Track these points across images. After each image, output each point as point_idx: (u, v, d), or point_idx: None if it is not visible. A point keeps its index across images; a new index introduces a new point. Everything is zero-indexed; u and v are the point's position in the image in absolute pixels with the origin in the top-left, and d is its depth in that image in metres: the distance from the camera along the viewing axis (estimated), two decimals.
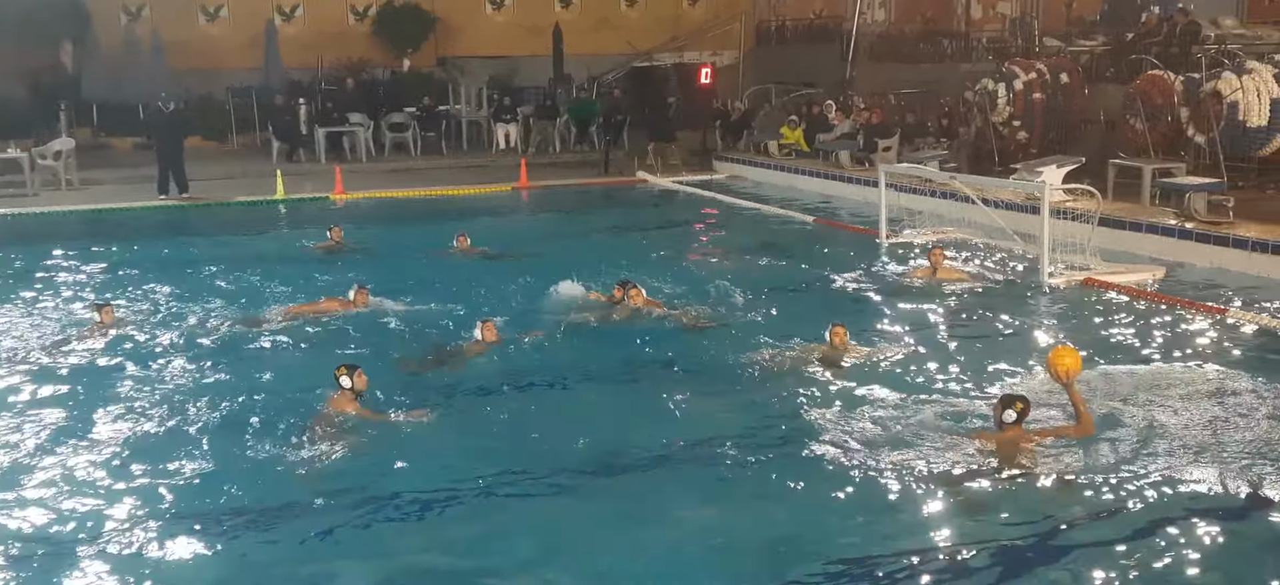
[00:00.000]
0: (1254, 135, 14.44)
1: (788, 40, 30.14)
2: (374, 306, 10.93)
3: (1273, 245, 12.13)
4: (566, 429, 7.84)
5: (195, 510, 6.62)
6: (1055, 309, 11.18)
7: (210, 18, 27.23)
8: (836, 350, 9.28)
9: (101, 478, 7.08)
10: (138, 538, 6.27)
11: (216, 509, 6.65)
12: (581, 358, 9.68)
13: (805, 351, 9.41)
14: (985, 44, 23.96)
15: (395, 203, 19.14)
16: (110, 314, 10.59)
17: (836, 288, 12.20)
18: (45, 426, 7.96)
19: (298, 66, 26.04)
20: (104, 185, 20.12)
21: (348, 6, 28.05)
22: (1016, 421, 7.25)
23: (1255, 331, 10.00)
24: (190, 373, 9.20)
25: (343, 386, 7.92)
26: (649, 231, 16.85)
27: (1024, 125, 17.80)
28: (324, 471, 7.21)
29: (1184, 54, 17.52)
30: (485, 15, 29.16)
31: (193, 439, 7.71)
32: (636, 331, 10.31)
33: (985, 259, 13.26)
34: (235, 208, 18.59)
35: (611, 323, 10.62)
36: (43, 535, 6.37)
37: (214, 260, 13.81)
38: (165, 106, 19.60)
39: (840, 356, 9.20)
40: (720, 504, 6.77)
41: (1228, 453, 7.19)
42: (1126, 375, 8.79)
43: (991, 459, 7.07)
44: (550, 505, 6.78)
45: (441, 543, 6.33)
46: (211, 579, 5.96)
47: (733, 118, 23.96)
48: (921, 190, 15.12)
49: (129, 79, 24.44)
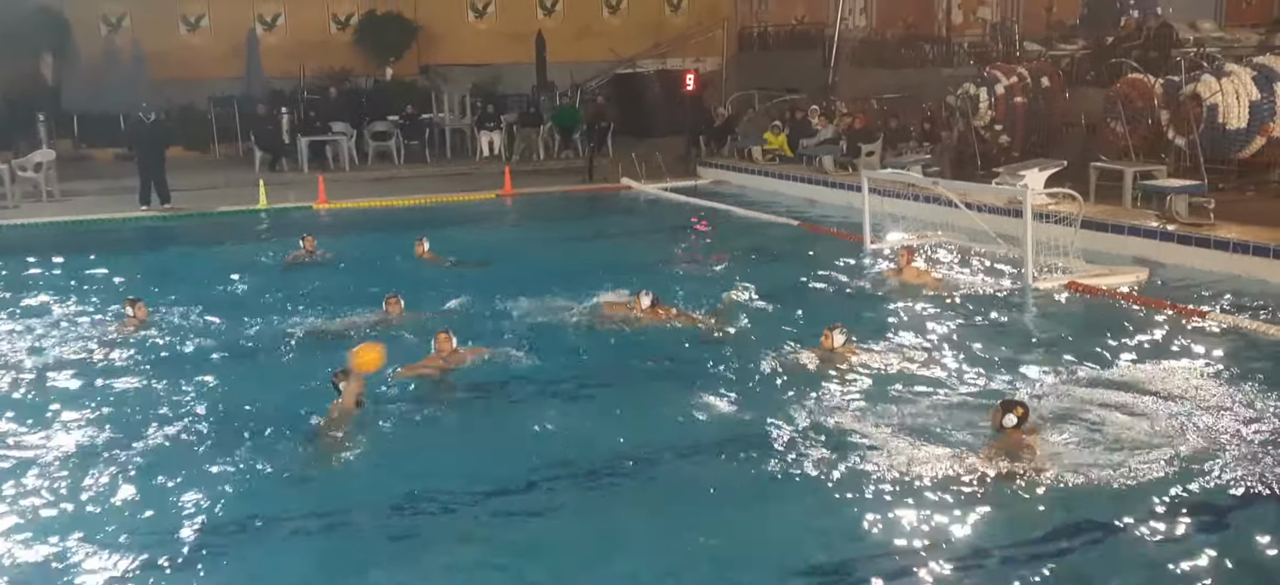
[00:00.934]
0: (1233, 137, 14.54)
1: (770, 46, 30.24)
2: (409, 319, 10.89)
3: (1253, 246, 12.22)
4: (547, 438, 7.84)
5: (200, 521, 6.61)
6: (1040, 312, 11.23)
7: (191, 27, 27.17)
8: (830, 353, 9.30)
9: (96, 486, 7.06)
10: (151, 554, 6.25)
11: (212, 522, 6.63)
12: (567, 367, 9.67)
13: (797, 355, 9.43)
14: (966, 49, 24.11)
15: (379, 212, 19.08)
16: (144, 310, 10.80)
17: (821, 292, 12.23)
18: (38, 440, 7.93)
19: (280, 75, 25.99)
20: (85, 196, 20.01)
21: (330, 15, 28.03)
22: (1017, 426, 7.28)
23: (1237, 333, 10.06)
24: (181, 382, 9.18)
25: (340, 390, 7.95)
26: (633, 238, 16.85)
27: (1006, 129, 17.90)
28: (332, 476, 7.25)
29: (1163, 57, 17.66)
30: (468, 23, 29.18)
31: (185, 449, 7.69)
32: (627, 339, 10.32)
33: (970, 263, 13.31)
34: (217, 218, 18.51)
35: (609, 329, 10.64)
36: (47, 546, 6.34)
37: (195, 270, 13.76)
38: (146, 117, 19.50)
39: (834, 359, 9.22)
40: (717, 510, 6.75)
41: (1214, 453, 7.25)
42: (1111, 377, 8.86)
43: (993, 464, 7.08)
44: (530, 519, 6.75)
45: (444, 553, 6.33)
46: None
47: (716, 124, 24.01)
48: (905, 195, 15.18)
49: (110, 89, 24.36)
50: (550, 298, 11.60)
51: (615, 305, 11.04)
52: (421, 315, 10.93)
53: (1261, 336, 9.94)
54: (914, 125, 20.50)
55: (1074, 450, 7.32)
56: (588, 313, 11.03)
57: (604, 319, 10.82)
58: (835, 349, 9.32)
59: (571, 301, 11.41)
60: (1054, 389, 8.61)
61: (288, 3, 27.83)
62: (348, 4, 28.11)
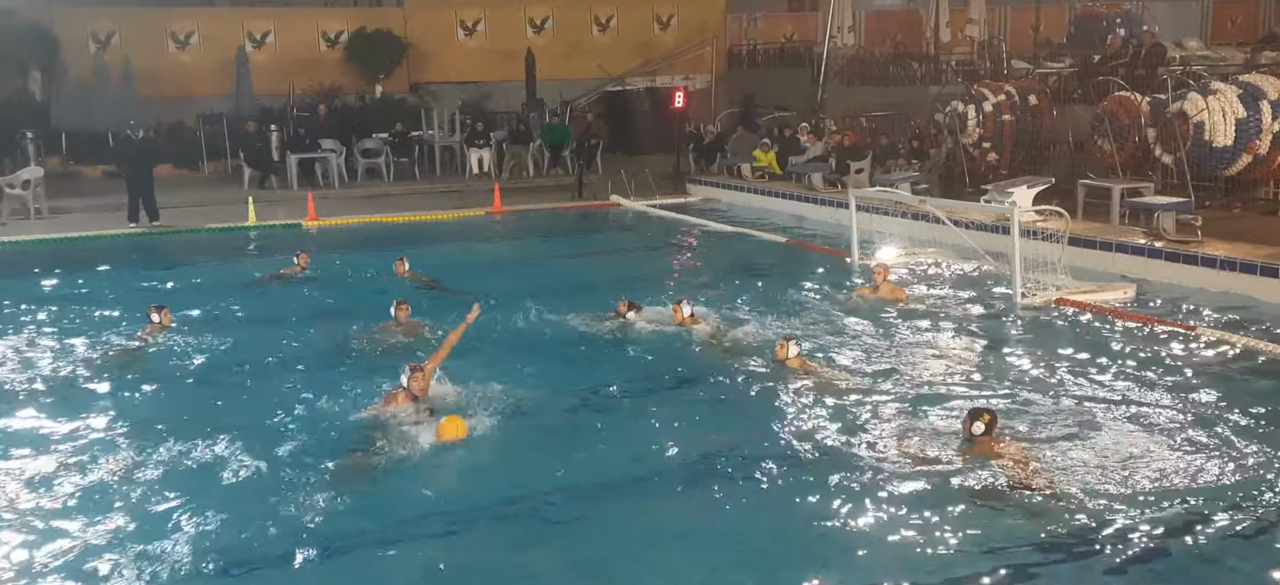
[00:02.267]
0: (1220, 155, 14.62)
1: (759, 64, 30.36)
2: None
3: (1240, 263, 12.27)
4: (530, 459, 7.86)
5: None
6: (1029, 329, 11.26)
7: (181, 45, 27.14)
8: (782, 365, 9.48)
9: (88, 506, 7.01)
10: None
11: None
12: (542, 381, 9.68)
13: (760, 365, 9.55)
14: (955, 67, 24.20)
15: (368, 228, 19.05)
16: (169, 316, 11.05)
17: (807, 308, 12.23)
18: (20, 462, 7.88)
19: (269, 93, 25.98)
20: (74, 214, 19.94)
21: (319, 32, 28.04)
22: (986, 433, 7.32)
23: (1224, 349, 10.10)
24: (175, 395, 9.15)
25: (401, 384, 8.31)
26: (623, 255, 16.84)
27: (994, 146, 17.97)
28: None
29: (1150, 75, 17.76)
30: (457, 41, 29.22)
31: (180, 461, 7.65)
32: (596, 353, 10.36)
33: (957, 280, 13.34)
34: (206, 235, 18.47)
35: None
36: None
37: (184, 287, 13.73)
38: (135, 134, 19.48)
39: (787, 372, 9.37)
40: (674, 523, 6.78)
41: (1198, 466, 7.28)
42: (1096, 391, 8.90)
43: (963, 473, 7.11)
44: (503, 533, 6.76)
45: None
46: None
47: (706, 141, 24.07)
48: (894, 212, 15.22)
49: (99, 107, 24.32)
50: (537, 313, 11.62)
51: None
52: (425, 325, 11.05)
53: (1249, 352, 9.97)
54: (902, 143, 20.57)
55: (1055, 461, 7.35)
56: (583, 324, 11.13)
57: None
58: (787, 360, 9.47)
59: (557, 317, 11.43)
60: (1037, 403, 8.64)
61: (277, 20, 27.84)
62: (337, 21, 28.14)
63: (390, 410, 8.31)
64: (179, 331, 11.29)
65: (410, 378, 8.46)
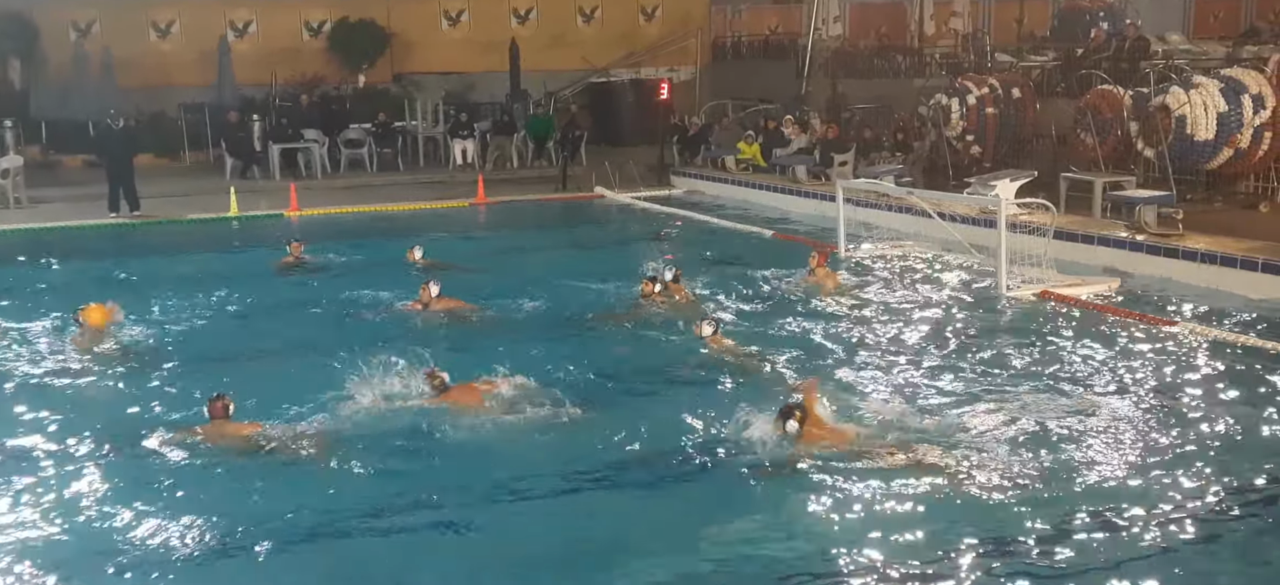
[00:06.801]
0: (1201, 148, 14.69)
1: (743, 56, 30.35)
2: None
3: (1221, 256, 12.33)
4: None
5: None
6: (1014, 321, 11.29)
7: (162, 33, 26.96)
8: (708, 344, 9.75)
9: (74, 496, 7.02)
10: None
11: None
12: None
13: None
14: (938, 60, 24.26)
15: (351, 219, 18.98)
16: (113, 311, 10.85)
17: (791, 302, 12.23)
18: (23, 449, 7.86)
19: (251, 83, 25.79)
20: (53, 203, 19.81)
21: (302, 22, 27.89)
22: (799, 432, 7.34)
23: (1205, 342, 10.15)
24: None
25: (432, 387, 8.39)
26: (607, 247, 16.81)
27: (977, 140, 18.02)
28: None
29: (1133, 69, 17.83)
30: (441, 31, 29.11)
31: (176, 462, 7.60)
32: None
33: (942, 272, 13.38)
34: (187, 225, 18.37)
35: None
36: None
37: (166, 278, 13.64)
38: (115, 123, 19.33)
39: (714, 353, 9.61)
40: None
41: (1176, 461, 7.33)
42: (1080, 383, 8.93)
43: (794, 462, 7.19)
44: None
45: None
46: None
47: (690, 133, 24.04)
48: (878, 204, 15.24)
49: (79, 96, 24.13)
50: (521, 304, 11.62)
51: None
52: (454, 302, 11.40)
53: (1227, 344, 10.04)
54: (887, 135, 20.59)
55: (1035, 450, 7.39)
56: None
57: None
58: (700, 336, 9.79)
59: (540, 306, 11.47)
60: (1022, 395, 8.67)
61: (259, 9, 27.65)
62: (320, 11, 27.96)
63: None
64: (174, 323, 11.26)
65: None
